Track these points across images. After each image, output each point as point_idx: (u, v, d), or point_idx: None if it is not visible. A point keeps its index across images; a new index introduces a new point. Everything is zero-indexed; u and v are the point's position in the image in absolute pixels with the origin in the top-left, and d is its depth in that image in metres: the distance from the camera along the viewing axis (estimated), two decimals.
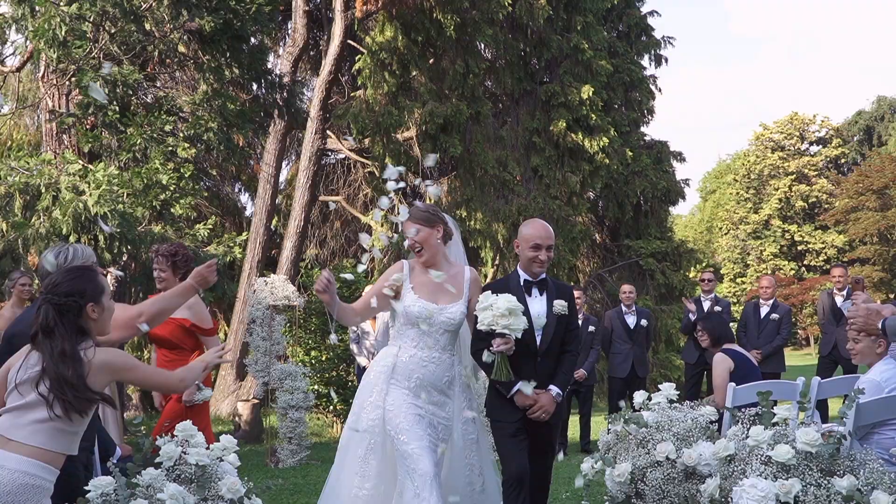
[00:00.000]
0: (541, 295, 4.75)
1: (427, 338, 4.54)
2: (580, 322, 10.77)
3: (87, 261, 3.97)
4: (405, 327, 4.57)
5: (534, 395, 4.56)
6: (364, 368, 10.70)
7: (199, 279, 4.32)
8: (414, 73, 16.26)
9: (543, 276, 4.80)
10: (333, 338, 4.69)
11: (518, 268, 4.86)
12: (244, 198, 21.39)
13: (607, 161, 17.42)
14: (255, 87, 13.15)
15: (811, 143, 50.96)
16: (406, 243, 4.64)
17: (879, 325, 4.12)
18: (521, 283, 4.75)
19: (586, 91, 17.13)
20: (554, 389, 4.64)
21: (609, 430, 4.77)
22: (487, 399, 4.81)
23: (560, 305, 4.72)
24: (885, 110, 51.76)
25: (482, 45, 17.07)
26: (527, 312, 4.54)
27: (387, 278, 4.63)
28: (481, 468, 4.67)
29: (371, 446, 4.47)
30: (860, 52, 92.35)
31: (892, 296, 33.55)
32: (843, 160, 50.68)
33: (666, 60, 19.80)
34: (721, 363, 6.29)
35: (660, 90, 19.87)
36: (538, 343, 4.65)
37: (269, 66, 14.39)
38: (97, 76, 10.17)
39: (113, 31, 10.92)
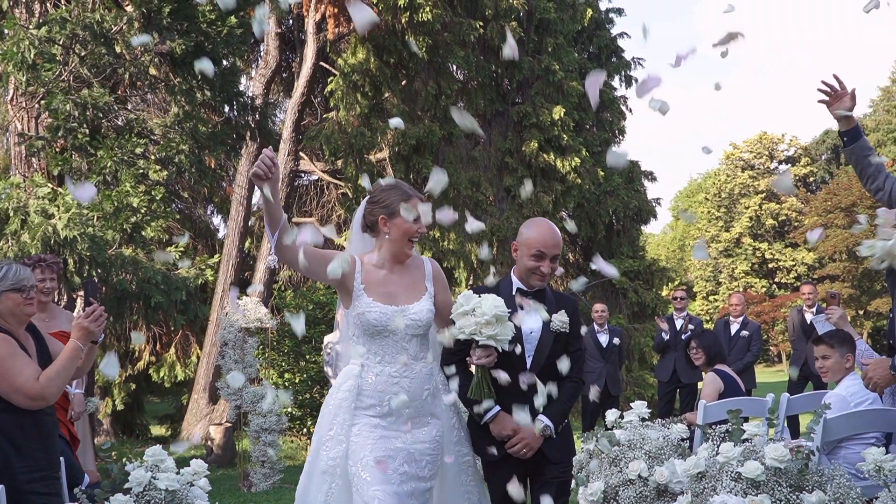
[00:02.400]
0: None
1: (392, 347, 3.63)
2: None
3: (17, 283, 3.93)
4: (363, 339, 3.65)
5: (514, 426, 3.74)
6: None
7: (82, 334, 3.83)
8: (386, 95, 16.33)
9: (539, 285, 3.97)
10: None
11: (512, 273, 3.98)
12: (217, 220, 21.30)
13: (579, 181, 17.55)
14: (227, 109, 13.11)
15: (780, 162, 51.65)
16: (412, 228, 3.67)
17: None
18: (514, 292, 3.91)
19: (558, 112, 17.27)
20: (542, 421, 3.79)
21: (583, 448, 4.77)
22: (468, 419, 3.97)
23: (560, 321, 3.87)
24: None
25: (454, 67, 17.19)
26: (517, 328, 3.74)
27: (341, 257, 3.62)
28: (479, 497, 3.89)
29: (331, 493, 3.58)
30: (827, 72, 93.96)
31: (861, 312, 33.99)
32: (811, 179, 51.40)
33: (636, 81, 20.02)
34: (712, 383, 6.31)
35: (630, 110, 20.09)
36: (528, 366, 3.82)
37: (242, 88, 14.37)
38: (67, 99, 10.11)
39: (83, 53, 10.87)
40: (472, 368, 3.81)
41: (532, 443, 3.77)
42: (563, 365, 3.77)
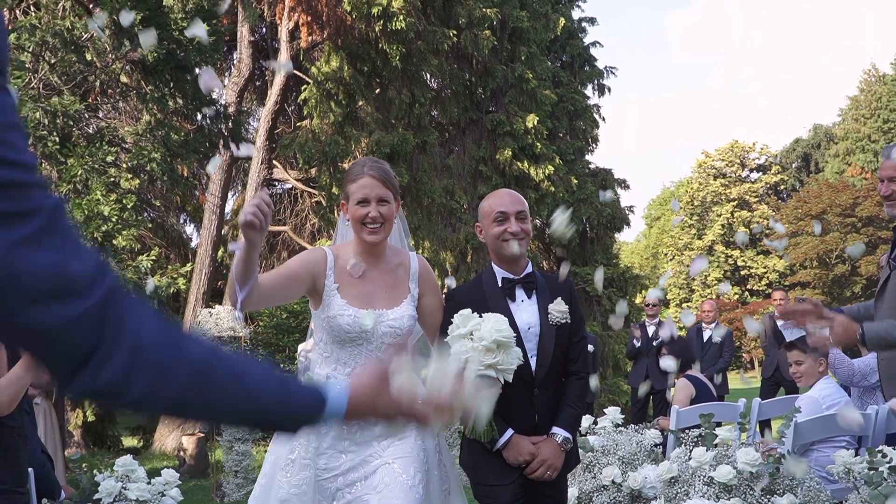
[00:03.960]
0: (529, 297, 3.35)
1: (365, 358, 3.13)
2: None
3: None
4: (331, 347, 3.16)
5: (531, 447, 3.20)
6: None
7: None
8: (360, 103, 16.32)
9: (529, 268, 3.40)
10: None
11: (491, 263, 3.44)
12: (189, 228, 21.16)
13: (553, 189, 17.62)
14: (199, 117, 13.05)
15: (751, 171, 52.19)
16: (364, 211, 3.14)
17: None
18: (500, 285, 3.35)
19: (531, 120, 17.34)
20: (559, 434, 3.26)
21: None
22: (463, 456, 3.38)
23: (559, 311, 3.30)
24: (821, 138, 53.27)
25: (428, 75, 17.21)
26: (512, 325, 3.14)
27: (306, 261, 3.19)
28: None
29: None
30: (797, 81, 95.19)
31: None
32: (782, 187, 51.98)
33: (609, 90, 20.18)
34: (684, 389, 6.36)
35: (603, 119, 20.24)
36: (533, 369, 3.26)
37: (215, 96, 14.31)
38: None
39: (53, 61, 10.77)
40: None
41: (556, 462, 3.21)
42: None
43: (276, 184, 18.50)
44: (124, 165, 11.31)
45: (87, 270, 1.10)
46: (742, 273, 48.69)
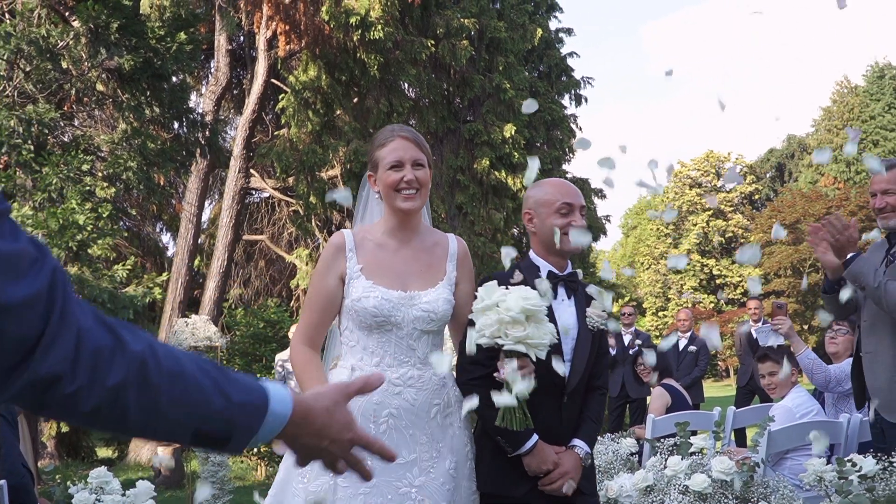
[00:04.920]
0: (569, 298, 3.07)
1: (395, 347, 2.81)
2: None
3: None
4: (358, 334, 2.84)
5: (554, 456, 2.93)
6: None
7: None
8: (338, 112, 16.32)
9: (570, 267, 3.15)
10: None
11: (532, 254, 3.15)
12: (166, 237, 21.04)
13: None
14: (176, 125, 13.00)
15: (724, 184, 52.63)
16: (398, 175, 2.85)
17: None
18: (543, 278, 2.96)
19: (509, 130, 17.42)
20: (581, 447, 3.01)
21: None
22: (479, 448, 3.03)
23: (598, 316, 3.06)
24: (795, 148, 53.87)
25: (406, 85, 17.25)
26: (551, 323, 2.84)
27: (327, 264, 2.88)
28: None
29: None
30: (771, 92, 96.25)
31: (805, 327, 34.71)
32: (756, 196, 52.48)
33: (586, 100, 20.33)
34: (660, 398, 6.41)
35: (580, 129, 20.37)
36: (567, 374, 2.96)
37: (192, 104, 14.26)
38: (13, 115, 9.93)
39: (28, 69, 10.69)
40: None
41: (574, 474, 2.94)
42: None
43: (253, 193, 18.44)
44: (100, 174, 11.24)
45: (30, 250, 1.04)
46: (717, 282, 49.07)
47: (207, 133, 13.22)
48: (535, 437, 2.90)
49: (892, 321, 3.85)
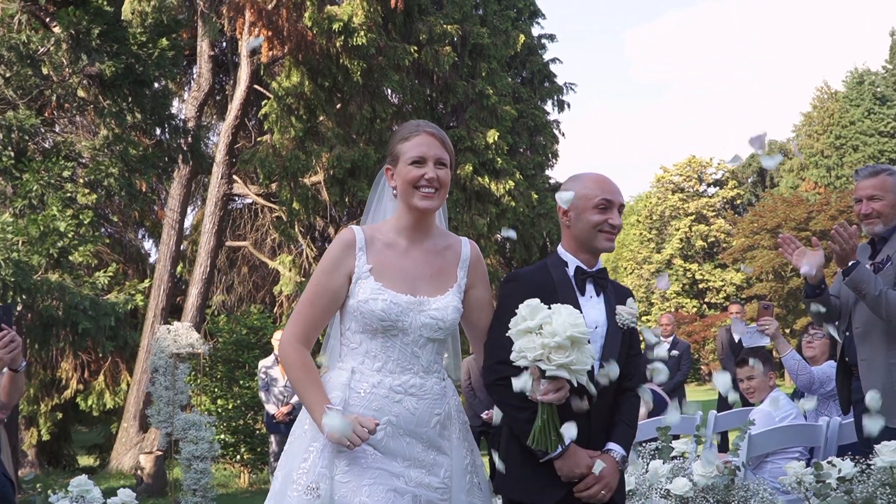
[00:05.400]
0: (598, 295, 2.95)
1: (399, 353, 2.70)
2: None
3: None
4: (360, 336, 2.73)
5: (588, 460, 2.76)
6: (273, 416, 10.54)
7: None
8: (321, 118, 16.31)
9: (600, 264, 3.03)
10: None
11: (561, 250, 3.01)
12: (148, 244, 20.93)
13: (514, 203, 17.75)
14: (158, 131, 12.94)
15: (709, 185, 52.95)
16: (419, 172, 2.73)
17: None
18: (572, 274, 2.93)
19: (492, 135, 17.46)
20: (617, 451, 2.85)
21: None
22: (505, 452, 2.90)
23: (628, 313, 2.94)
24: (775, 153, 54.28)
25: (389, 91, 17.26)
26: None
27: (334, 260, 2.74)
28: None
29: None
30: (751, 98, 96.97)
31: (787, 330, 34.96)
32: (738, 201, 52.79)
33: (568, 106, 20.47)
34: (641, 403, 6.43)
35: (563, 134, 20.47)
36: (596, 374, 2.81)
37: (174, 110, 14.22)
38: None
39: (8, 75, 10.63)
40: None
41: (611, 482, 2.78)
42: (614, 370, 2.84)
43: (236, 199, 18.39)
44: (81, 180, 11.19)
45: None
46: (700, 286, 49.30)
47: (190, 139, 13.18)
48: (568, 440, 2.72)
49: (887, 328, 3.91)
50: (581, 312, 2.69)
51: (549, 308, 2.64)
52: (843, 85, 47.36)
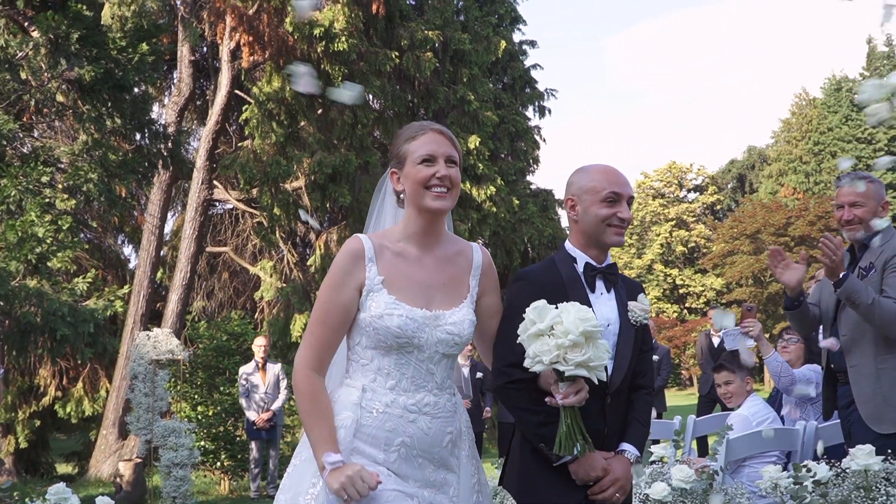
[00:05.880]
0: (608, 292, 2.85)
1: (413, 370, 2.57)
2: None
3: None
4: (372, 352, 2.58)
5: (603, 462, 2.70)
6: (253, 423, 10.52)
7: None
8: (302, 124, 16.29)
9: (610, 259, 2.93)
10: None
11: (569, 245, 2.92)
12: (127, 250, 20.80)
13: (495, 209, 17.79)
14: (138, 136, 12.88)
15: (689, 191, 53.32)
16: (429, 171, 2.59)
17: None
18: (581, 270, 2.83)
19: (473, 141, 17.50)
20: (631, 451, 2.79)
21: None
22: (512, 474, 2.85)
23: (641, 310, 2.85)
24: (755, 159, 54.69)
25: (370, 96, 17.27)
26: None
27: (343, 271, 2.57)
28: None
29: None
30: (732, 104, 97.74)
31: (767, 335, 35.15)
32: (718, 206, 53.19)
33: (549, 111, 20.53)
34: None
35: (544, 140, 20.56)
36: (609, 371, 2.74)
37: (154, 115, 14.15)
38: None
39: None
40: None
41: (626, 484, 2.73)
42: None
43: (217, 204, 18.32)
44: (60, 186, 11.11)
45: None
46: (681, 291, 49.57)
47: (170, 144, 13.12)
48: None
49: (874, 335, 4.00)
50: (591, 308, 2.62)
51: (556, 308, 2.54)
52: (822, 92, 47.81)
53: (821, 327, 4.58)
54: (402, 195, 2.66)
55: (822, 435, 4.80)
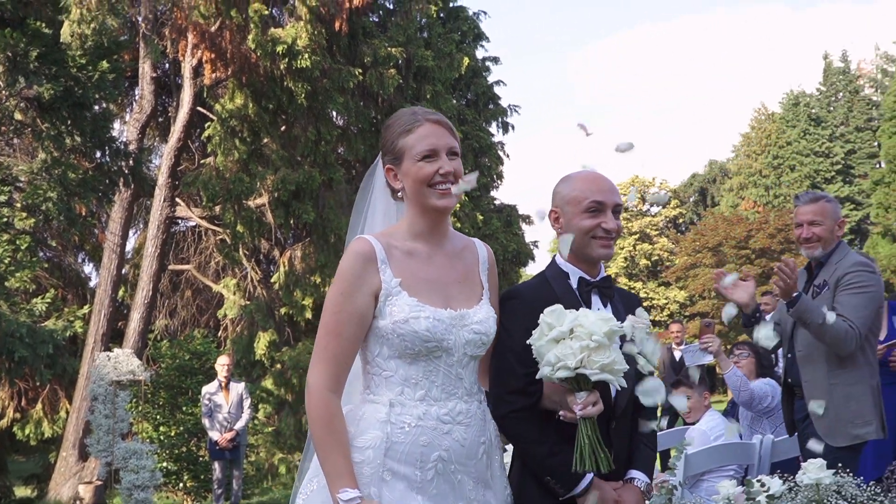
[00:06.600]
0: (605, 307, 2.70)
1: (443, 377, 2.36)
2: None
3: None
4: (396, 362, 2.36)
5: (613, 494, 2.55)
6: (216, 443, 10.42)
7: None
8: (265, 140, 16.24)
9: (604, 271, 2.79)
10: None
11: (559, 259, 2.77)
12: (88, 268, 20.53)
13: (459, 225, 17.84)
14: (98, 154, 12.77)
15: (652, 205, 53.84)
16: (432, 168, 2.39)
17: None
18: (575, 286, 2.69)
19: None
20: (641, 479, 2.67)
21: None
22: (518, 491, 2.61)
23: (640, 325, 2.61)
24: (716, 173, 55.40)
25: (334, 113, 17.27)
26: None
27: (356, 286, 2.34)
28: None
29: None
30: (693, 119, 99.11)
31: (729, 347, 35.55)
32: (681, 220, 53.76)
33: (513, 127, 20.69)
34: None
35: (508, 156, 20.67)
36: (612, 394, 2.58)
37: (115, 132, 14.05)
38: None
39: None
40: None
41: None
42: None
43: (179, 221, 18.18)
44: (18, 205, 10.98)
45: None
46: (644, 304, 49.97)
47: (131, 162, 13.02)
48: (591, 474, 2.48)
49: (826, 351, 4.14)
50: None
51: (570, 311, 2.41)
52: (780, 106, 48.67)
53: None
54: (400, 192, 2.47)
55: (779, 448, 4.88)
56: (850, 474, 3.28)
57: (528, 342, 2.41)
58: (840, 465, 3.73)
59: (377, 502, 2.21)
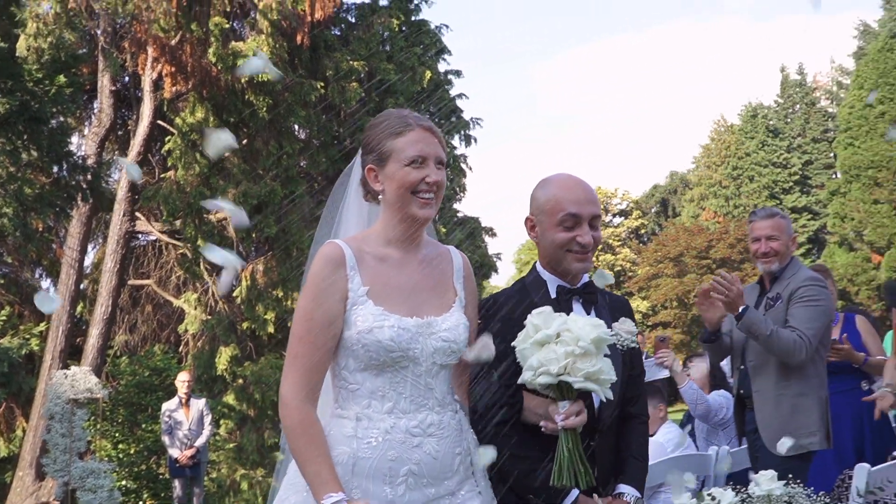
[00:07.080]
0: (588, 313, 2.56)
1: (411, 388, 2.28)
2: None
3: None
4: (362, 375, 2.28)
5: None
6: (176, 460, 10.31)
7: None
8: (226, 154, 16.15)
9: (586, 277, 2.64)
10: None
11: (538, 266, 2.66)
12: (45, 283, 20.21)
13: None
14: (56, 169, 12.61)
15: (614, 215, 54.28)
16: (419, 175, 2.32)
17: None
18: (553, 295, 2.56)
19: None
20: (630, 494, 2.53)
21: None
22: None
23: (627, 332, 2.60)
24: (677, 184, 56.03)
25: (296, 126, 17.22)
26: None
27: (326, 290, 2.25)
28: None
29: None
30: (654, 130, 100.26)
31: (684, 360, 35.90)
32: (643, 230, 54.24)
33: (475, 140, 20.74)
34: None
35: (470, 168, 20.74)
36: (595, 405, 2.47)
37: (73, 147, 13.88)
38: None
39: None
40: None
41: None
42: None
43: (139, 236, 17.99)
44: None
45: None
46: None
47: (89, 176, 12.88)
48: (576, 492, 2.39)
49: (776, 363, 4.22)
50: None
51: (557, 315, 2.31)
52: (739, 118, 49.39)
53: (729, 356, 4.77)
54: (379, 196, 2.37)
55: (735, 459, 4.95)
56: (801, 484, 3.33)
57: (511, 344, 2.32)
58: (790, 475, 3.81)
59: (365, 501, 2.15)
